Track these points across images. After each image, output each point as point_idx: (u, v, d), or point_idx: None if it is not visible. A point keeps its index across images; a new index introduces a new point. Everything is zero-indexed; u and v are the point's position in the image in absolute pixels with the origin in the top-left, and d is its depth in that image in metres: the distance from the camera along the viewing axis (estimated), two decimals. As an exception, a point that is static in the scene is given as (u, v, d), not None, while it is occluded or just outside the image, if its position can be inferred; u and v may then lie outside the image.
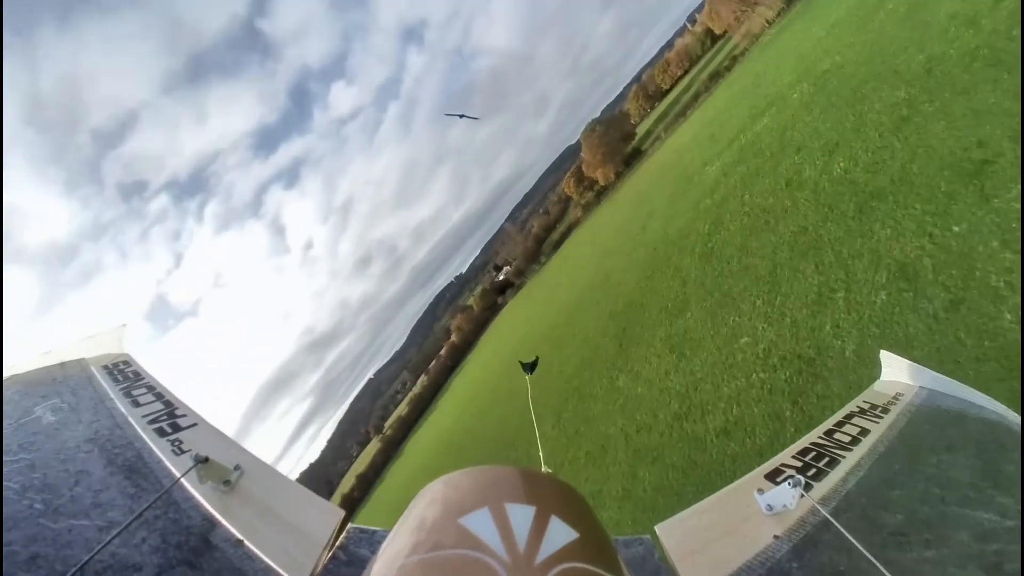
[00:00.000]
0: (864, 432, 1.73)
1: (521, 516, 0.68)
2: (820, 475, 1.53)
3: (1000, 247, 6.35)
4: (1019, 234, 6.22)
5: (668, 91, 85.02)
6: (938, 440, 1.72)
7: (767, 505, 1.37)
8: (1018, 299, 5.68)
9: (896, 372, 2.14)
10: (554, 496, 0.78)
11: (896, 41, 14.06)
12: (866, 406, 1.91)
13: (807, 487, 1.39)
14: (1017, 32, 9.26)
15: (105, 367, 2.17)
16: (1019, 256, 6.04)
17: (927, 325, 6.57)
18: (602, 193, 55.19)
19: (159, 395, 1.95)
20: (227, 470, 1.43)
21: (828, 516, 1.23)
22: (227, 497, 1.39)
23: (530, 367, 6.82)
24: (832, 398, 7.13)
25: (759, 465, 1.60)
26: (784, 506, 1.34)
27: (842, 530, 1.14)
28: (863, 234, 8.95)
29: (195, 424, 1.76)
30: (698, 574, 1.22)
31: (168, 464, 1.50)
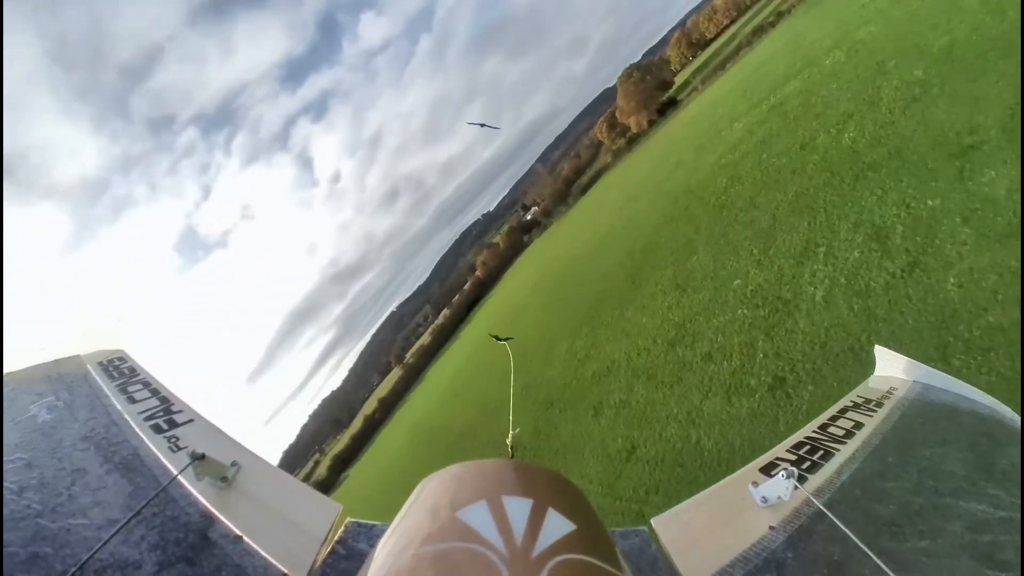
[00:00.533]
0: (858, 426, 1.75)
1: (518, 509, 0.69)
2: (814, 468, 1.55)
3: (961, 223, 7.50)
4: (980, 212, 7.35)
5: (712, 40, 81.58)
6: (931, 433, 1.74)
7: (762, 497, 1.38)
8: (965, 265, 6.85)
9: (890, 367, 2.17)
10: (551, 489, 0.78)
11: (929, 19, 14.50)
12: (860, 400, 1.94)
13: (801, 479, 1.42)
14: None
15: (100, 364, 2.16)
16: (975, 231, 7.22)
17: (885, 281, 7.96)
18: (634, 140, 54.10)
19: (155, 391, 1.94)
20: (224, 466, 1.43)
21: (821, 507, 1.23)
22: (225, 493, 1.39)
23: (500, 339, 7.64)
24: (798, 332, 8.71)
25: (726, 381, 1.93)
26: (778, 498, 1.35)
27: (835, 520, 1.14)
28: (853, 200, 10.22)
29: (191, 420, 1.76)
30: (694, 565, 1.23)
31: (165, 461, 1.50)
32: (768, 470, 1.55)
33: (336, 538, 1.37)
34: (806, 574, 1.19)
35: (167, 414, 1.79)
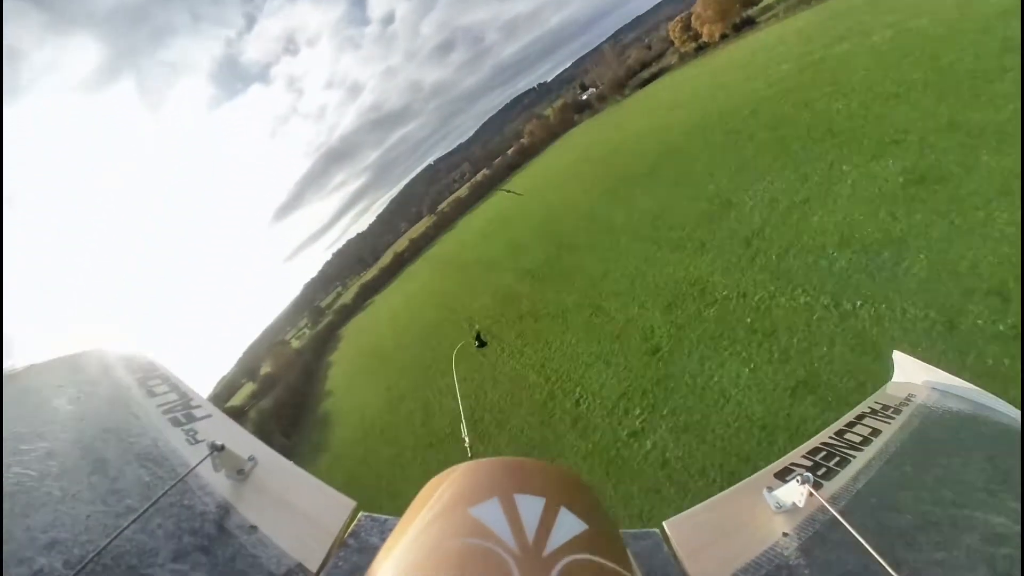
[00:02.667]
0: (875, 432, 1.76)
1: (531, 507, 0.69)
2: (830, 474, 1.55)
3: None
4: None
5: None
6: (950, 442, 1.74)
7: (776, 503, 1.38)
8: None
9: (908, 373, 2.18)
10: (564, 488, 0.78)
11: (982, 22, 16.58)
12: (878, 407, 1.94)
13: (816, 486, 1.42)
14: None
15: (121, 357, 2.28)
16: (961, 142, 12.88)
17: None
18: (702, 49, 55.15)
19: (174, 386, 2.03)
20: (241, 460, 1.48)
21: (836, 514, 1.22)
22: (241, 486, 1.43)
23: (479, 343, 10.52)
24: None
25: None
26: (793, 504, 1.35)
27: (850, 528, 1.13)
28: (813, 158, 15.65)
29: (209, 415, 1.82)
30: (706, 570, 1.23)
31: (183, 452, 1.57)
32: (783, 475, 1.54)
33: (349, 531, 1.35)
34: None
35: (186, 408, 1.86)
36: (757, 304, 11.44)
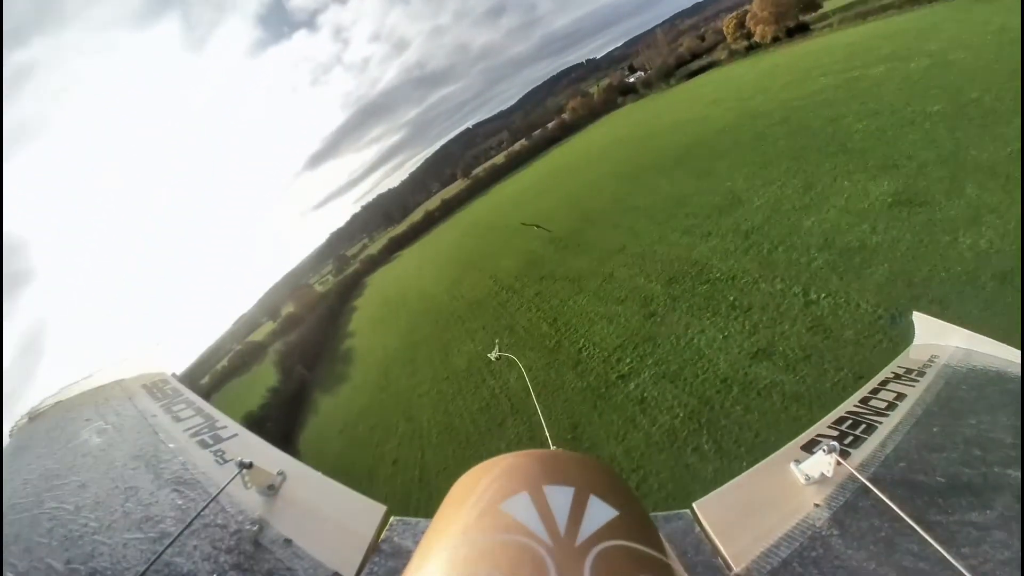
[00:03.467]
0: (900, 397, 1.76)
1: (560, 498, 0.69)
2: (857, 442, 1.55)
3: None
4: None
5: None
6: (977, 401, 1.71)
7: (804, 475, 1.39)
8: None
9: (930, 334, 2.17)
10: (592, 475, 0.78)
11: (1014, 64, 17.34)
12: (901, 371, 1.94)
13: (844, 455, 1.42)
14: None
15: (144, 387, 2.31)
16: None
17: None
18: (752, 49, 55.17)
19: (199, 409, 2.06)
20: (271, 476, 1.52)
21: (866, 482, 1.23)
22: (272, 501, 1.47)
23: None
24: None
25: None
26: (821, 474, 1.36)
27: (880, 495, 1.13)
28: (823, 171, 17.42)
29: (235, 435, 1.86)
30: (739, 546, 1.23)
31: (213, 473, 1.60)
32: (810, 448, 1.53)
33: (382, 536, 1.39)
34: (854, 551, 1.17)
35: (212, 430, 1.90)
36: (742, 286, 13.55)
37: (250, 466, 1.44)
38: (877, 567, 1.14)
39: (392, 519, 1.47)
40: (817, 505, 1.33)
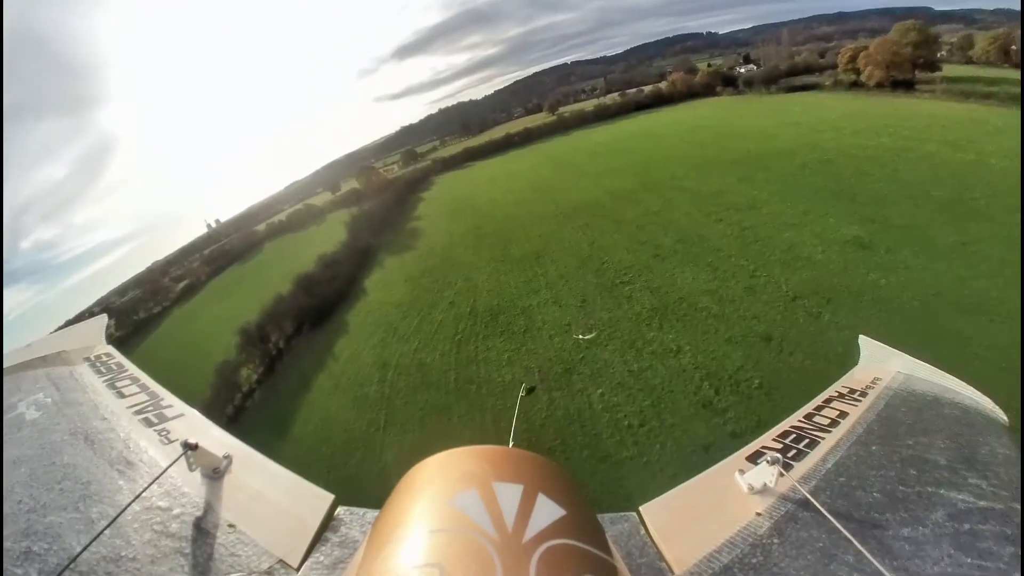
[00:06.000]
0: (843, 415, 1.87)
1: (509, 495, 0.71)
2: (800, 455, 1.65)
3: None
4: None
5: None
6: (915, 423, 1.85)
7: (748, 484, 1.46)
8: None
9: (874, 357, 2.31)
10: (541, 474, 0.80)
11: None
12: (845, 391, 2.05)
13: (787, 467, 1.50)
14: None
15: (87, 359, 2.25)
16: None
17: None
18: (854, 86, 55.21)
19: (144, 386, 2.00)
20: (216, 458, 1.51)
21: (806, 494, 1.29)
22: (217, 485, 1.45)
23: (528, 391, 13.57)
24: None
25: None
26: (764, 484, 1.43)
27: (819, 507, 1.18)
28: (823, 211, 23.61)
29: (181, 415, 1.82)
30: (683, 551, 1.29)
31: (155, 454, 1.56)
32: (754, 459, 1.60)
33: (329, 525, 1.38)
34: (792, 559, 1.23)
35: (157, 408, 1.84)
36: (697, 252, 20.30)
37: (195, 447, 1.43)
38: None
39: (340, 509, 1.49)
40: (759, 514, 1.41)
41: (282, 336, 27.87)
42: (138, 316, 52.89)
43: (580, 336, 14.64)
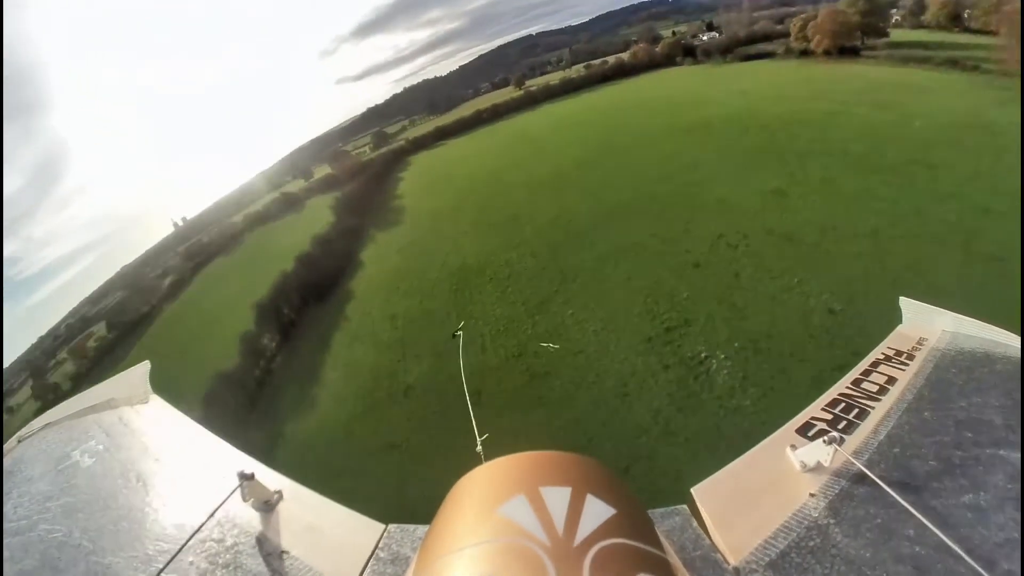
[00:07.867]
0: (891, 380, 1.83)
1: (557, 498, 0.70)
2: (851, 427, 1.62)
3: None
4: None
5: (971, 30, 49.91)
6: (966, 383, 1.77)
7: (800, 462, 1.44)
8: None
9: (917, 317, 2.22)
10: (588, 475, 0.79)
11: None
12: (891, 352, 2.00)
13: (839, 440, 1.44)
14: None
15: (132, 406, 2.32)
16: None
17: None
18: (803, 54, 57.26)
19: (188, 425, 2.07)
20: (268, 492, 1.56)
21: (864, 469, 1.26)
22: (270, 516, 1.50)
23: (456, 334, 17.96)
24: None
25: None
26: (818, 462, 1.41)
27: (879, 482, 1.17)
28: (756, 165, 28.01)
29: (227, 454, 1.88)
30: (737, 538, 1.27)
31: (206, 490, 1.62)
32: (804, 431, 1.60)
33: (380, 543, 1.41)
34: (850, 539, 1.20)
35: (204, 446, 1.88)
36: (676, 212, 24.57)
37: (251, 477, 1.48)
38: (875, 554, 1.18)
39: (390, 526, 1.51)
40: (813, 495, 1.37)
41: (292, 309, 30.81)
42: (127, 317, 53.70)
43: (547, 345, 17.62)
